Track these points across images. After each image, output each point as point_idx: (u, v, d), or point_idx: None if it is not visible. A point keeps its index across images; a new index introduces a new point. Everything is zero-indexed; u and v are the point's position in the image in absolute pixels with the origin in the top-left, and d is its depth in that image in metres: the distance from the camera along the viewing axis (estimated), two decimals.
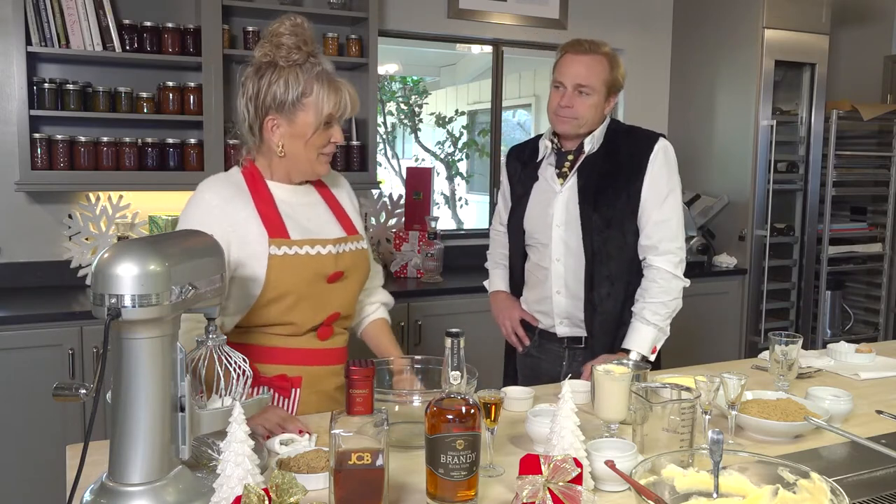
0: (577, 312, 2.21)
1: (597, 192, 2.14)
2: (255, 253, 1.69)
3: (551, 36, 4.26)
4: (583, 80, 2.11)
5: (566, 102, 2.12)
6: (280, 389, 1.75)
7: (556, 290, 2.22)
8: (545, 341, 2.31)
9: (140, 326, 1.18)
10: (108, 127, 3.21)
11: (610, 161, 2.16)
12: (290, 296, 1.71)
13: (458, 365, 1.24)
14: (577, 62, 2.13)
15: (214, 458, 1.31)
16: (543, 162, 2.26)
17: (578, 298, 2.19)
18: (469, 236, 4.34)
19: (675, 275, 2.12)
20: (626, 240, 2.16)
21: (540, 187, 2.25)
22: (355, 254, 1.83)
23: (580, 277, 2.18)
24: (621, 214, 2.14)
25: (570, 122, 2.14)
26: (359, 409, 1.19)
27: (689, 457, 1.33)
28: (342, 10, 3.54)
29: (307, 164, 1.75)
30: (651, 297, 2.11)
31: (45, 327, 2.79)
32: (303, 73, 1.68)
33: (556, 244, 2.19)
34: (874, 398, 1.92)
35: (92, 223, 3.26)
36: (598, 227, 2.14)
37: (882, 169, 4.58)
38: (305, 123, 1.70)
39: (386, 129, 6.28)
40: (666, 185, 2.14)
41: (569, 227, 2.17)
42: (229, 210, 1.69)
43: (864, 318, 4.71)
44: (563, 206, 2.18)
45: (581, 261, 2.17)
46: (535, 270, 2.28)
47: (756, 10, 4.04)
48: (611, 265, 2.16)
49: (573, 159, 2.20)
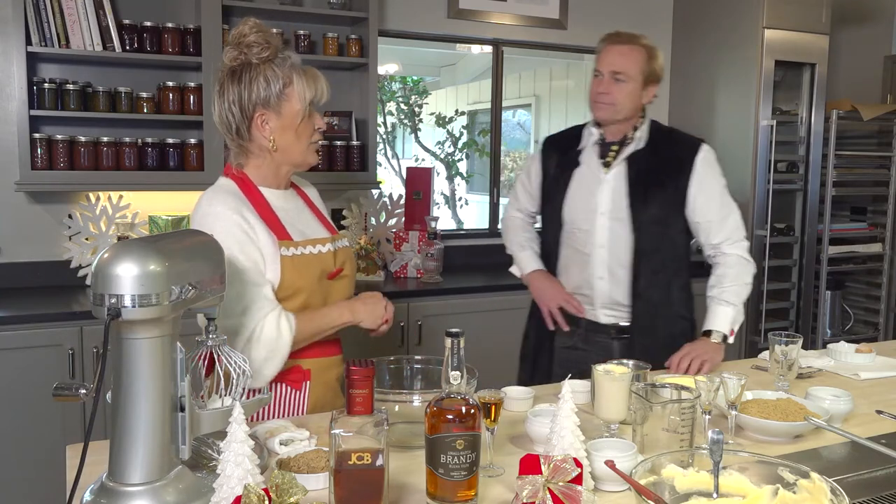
0: (619, 298, 2.27)
1: (647, 188, 2.23)
2: (270, 255, 1.72)
3: (551, 36, 4.26)
4: (619, 68, 2.20)
5: (603, 89, 2.22)
6: (293, 383, 1.79)
7: (599, 276, 2.28)
8: (591, 333, 2.32)
9: (140, 326, 1.18)
10: (108, 127, 3.21)
11: (656, 158, 2.25)
12: (301, 294, 1.76)
13: (458, 365, 1.24)
14: (614, 51, 2.23)
15: (214, 458, 1.31)
16: (586, 149, 2.32)
17: (622, 285, 2.26)
18: (469, 236, 4.34)
19: (748, 259, 2.25)
20: (671, 234, 2.26)
21: (582, 173, 2.31)
22: (346, 250, 1.91)
23: (624, 264, 2.25)
24: (668, 210, 2.23)
25: (607, 108, 2.22)
26: (359, 409, 1.19)
27: (689, 457, 1.33)
28: (342, 10, 3.54)
29: (300, 155, 1.79)
30: (730, 281, 2.20)
31: (45, 327, 2.79)
32: (277, 66, 1.73)
33: (600, 231, 2.26)
34: (874, 398, 1.92)
35: (92, 223, 3.26)
36: (646, 222, 2.22)
37: (882, 169, 4.58)
38: (293, 113, 1.74)
39: (386, 129, 6.27)
40: (718, 184, 2.26)
41: (614, 216, 2.24)
42: (242, 219, 1.71)
43: (864, 318, 4.71)
44: (609, 194, 2.25)
45: (625, 249, 2.24)
46: (574, 255, 2.32)
47: (756, 10, 4.04)
48: (656, 258, 2.24)
49: (617, 150, 2.27)
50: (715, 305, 2.20)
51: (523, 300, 3.69)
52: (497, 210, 4.38)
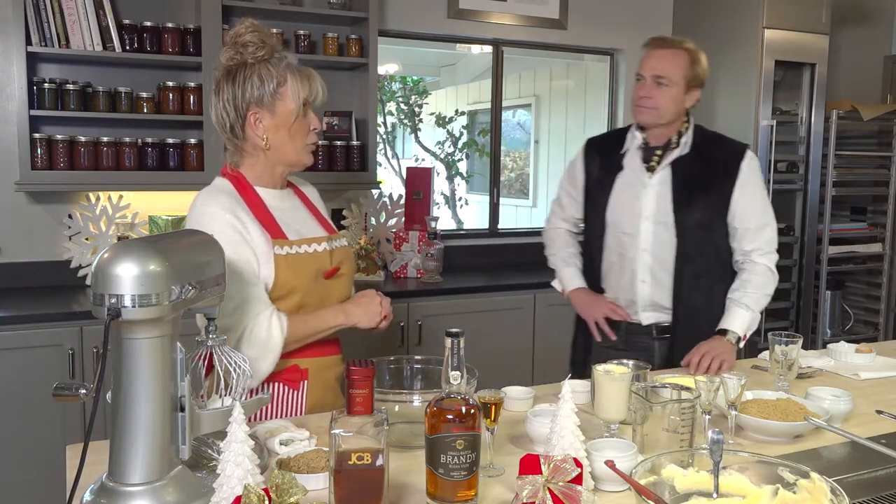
0: (661, 301, 2.28)
1: (692, 193, 2.23)
2: (264, 255, 1.72)
3: (551, 36, 4.26)
4: (660, 72, 2.22)
5: (645, 93, 2.23)
6: (290, 382, 1.79)
7: (642, 279, 2.29)
8: (631, 335, 2.34)
9: (140, 326, 1.18)
10: (108, 127, 3.21)
11: (701, 163, 2.25)
12: (297, 293, 1.75)
13: (458, 365, 1.24)
14: (656, 56, 2.25)
15: (214, 458, 1.31)
16: (630, 153, 2.33)
17: (664, 288, 2.27)
18: (469, 236, 4.34)
19: (774, 273, 2.27)
20: (714, 239, 2.26)
21: (625, 177, 2.32)
22: (344, 250, 1.90)
23: (667, 267, 2.26)
24: (712, 215, 2.24)
25: (649, 112, 2.23)
26: (359, 409, 1.19)
27: (689, 457, 1.33)
28: (342, 10, 3.54)
29: (294, 155, 1.79)
30: (754, 287, 2.22)
31: (45, 327, 2.79)
32: (272, 66, 1.74)
33: (644, 235, 2.27)
34: (874, 398, 1.92)
35: (92, 223, 3.26)
36: (690, 227, 2.23)
37: (882, 169, 4.58)
38: (287, 112, 1.74)
39: (386, 129, 6.28)
40: (762, 194, 2.29)
41: (658, 221, 2.25)
42: (236, 219, 1.71)
43: (864, 318, 4.71)
44: (654, 199, 2.26)
45: (668, 253, 2.25)
46: (618, 259, 2.33)
47: (756, 10, 4.03)
48: (699, 262, 2.25)
49: (661, 154, 2.28)
50: (735, 307, 2.20)
51: (523, 300, 3.73)
52: (497, 210, 4.38)
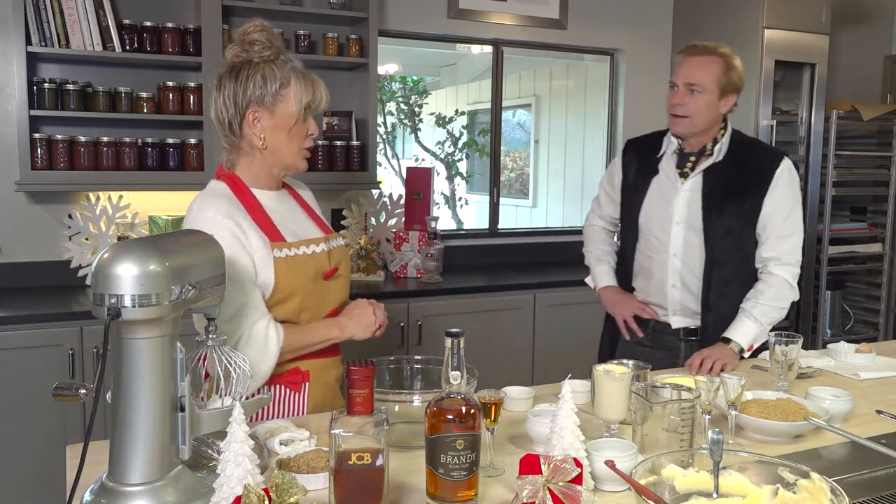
0: (691, 306, 2.29)
1: (722, 200, 2.22)
2: (263, 258, 1.72)
3: (551, 36, 4.26)
4: (693, 79, 2.20)
5: (678, 100, 2.22)
6: (292, 385, 1.79)
7: (672, 284, 2.29)
8: (659, 334, 2.35)
9: (140, 326, 1.18)
10: (108, 127, 3.21)
11: (735, 170, 2.23)
12: (297, 295, 1.75)
13: (458, 365, 1.24)
14: (689, 63, 2.23)
15: (214, 458, 1.31)
16: (666, 157, 2.32)
17: (693, 293, 2.27)
18: (469, 236, 4.34)
19: (792, 286, 2.22)
20: (745, 247, 2.24)
21: (660, 181, 2.32)
22: (341, 250, 1.90)
23: (697, 273, 2.26)
24: (742, 223, 2.22)
25: (682, 121, 2.22)
26: (359, 409, 1.19)
27: (689, 457, 1.33)
28: (342, 10, 3.54)
29: (290, 158, 1.79)
30: (765, 299, 2.18)
31: (45, 327, 2.79)
32: (277, 67, 1.73)
33: (674, 240, 2.28)
34: (874, 398, 1.92)
35: (92, 223, 3.26)
36: (720, 234, 2.22)
37: (882, 169, 4.58)
38: (287, 114, 1.74)
39: (386, 129, 6.28)
40: (791, 202, 2.23)
41: (689, 227, 2.25)
42: (234, 224, 1.70)
43: (864, 318, 4.71)
44: (685, 205, 2.26)
45: (698, 259, 2.25)
46: (648, 262, 2.34)
47: (756, 10, 4.04)
48: (728, 269, 2.24)
49: (695, 160, 2.27)
50: (743, 318, 2.18)
51: (523, 300, 3.73)
52: (497, 210, 4.38)
